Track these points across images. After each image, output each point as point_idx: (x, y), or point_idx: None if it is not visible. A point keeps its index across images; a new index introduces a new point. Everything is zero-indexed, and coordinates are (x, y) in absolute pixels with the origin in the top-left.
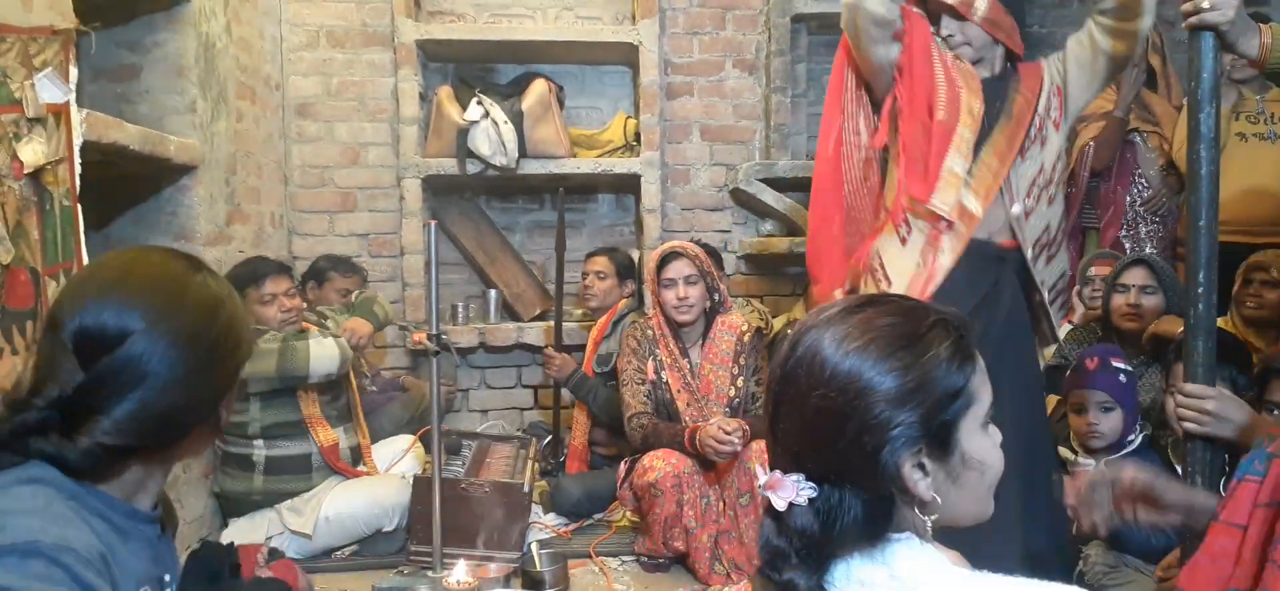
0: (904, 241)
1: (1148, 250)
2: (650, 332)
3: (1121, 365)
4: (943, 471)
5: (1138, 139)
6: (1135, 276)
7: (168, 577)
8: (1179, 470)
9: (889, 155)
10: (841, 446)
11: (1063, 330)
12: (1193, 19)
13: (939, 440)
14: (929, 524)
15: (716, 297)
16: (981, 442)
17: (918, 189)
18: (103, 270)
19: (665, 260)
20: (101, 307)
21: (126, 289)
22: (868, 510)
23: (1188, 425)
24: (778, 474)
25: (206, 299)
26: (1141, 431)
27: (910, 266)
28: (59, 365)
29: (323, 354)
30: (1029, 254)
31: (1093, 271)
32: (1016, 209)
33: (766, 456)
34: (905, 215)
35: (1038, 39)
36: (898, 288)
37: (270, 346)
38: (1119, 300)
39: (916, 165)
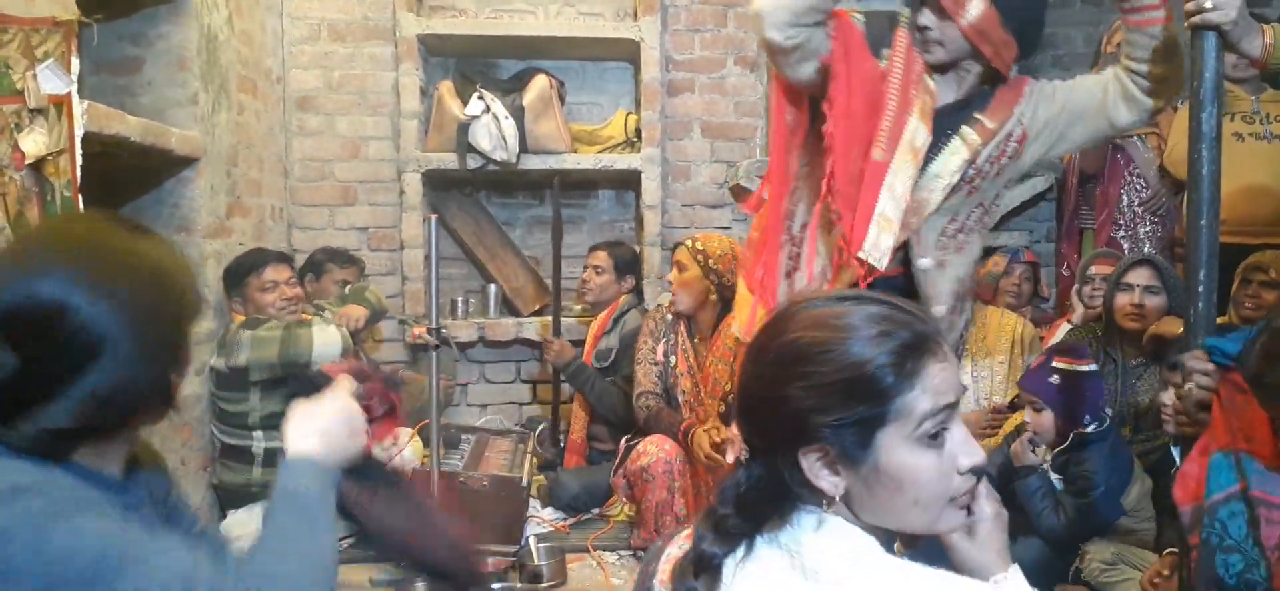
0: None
1: (1146, 250)
2: (668, 318)
3: (1062, 366)
4: (854, 474)
5: (1136, 140)
6: (1140, 276)
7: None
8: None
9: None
10: (764, 421)
11: (1060, 331)
12: (1195, 18)
13: (850, 443)
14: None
15: (728, 295)
16: (905, 457)
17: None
18: (29, 242)
19: (676, 249)
20: (33, 281)
21: (58, 258)
22: (776, 487)
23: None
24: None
25: (145, 258)
26: (1096, 425)
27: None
28: None
29: (325, 339)
30: (940, 310)
31: (1093, 270)
32: (924, 262)
33: None
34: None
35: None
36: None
37: (272, 333)
38: (1122, 299)
39: (846, 208)
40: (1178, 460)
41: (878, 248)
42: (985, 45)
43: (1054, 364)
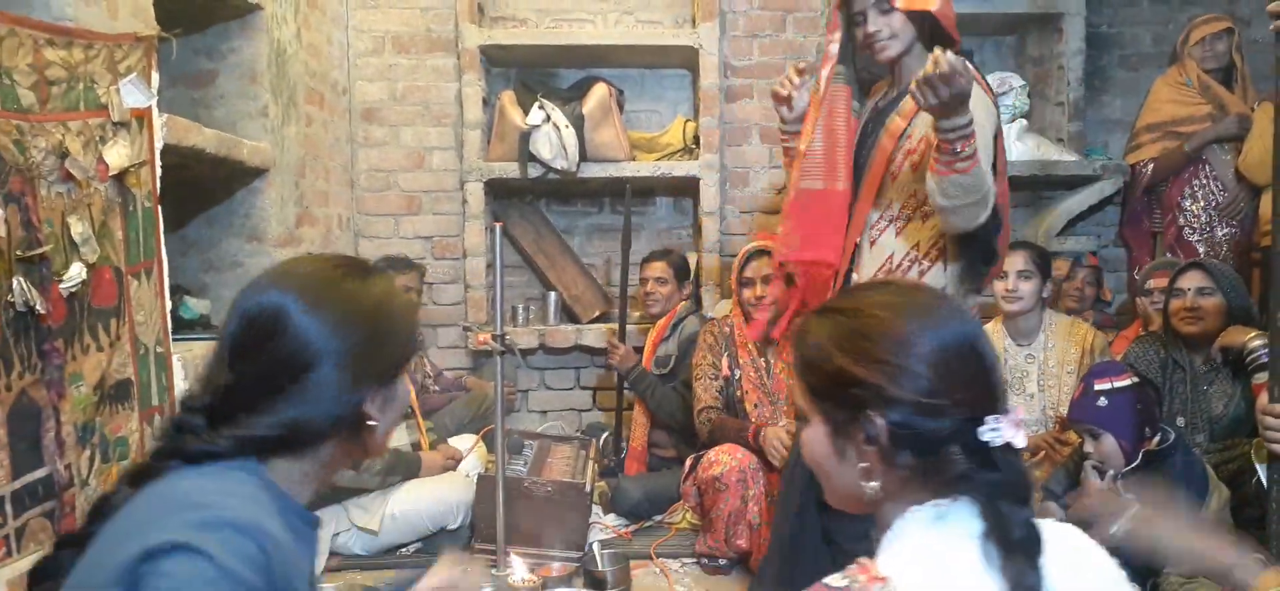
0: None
1: (1224, 254)
2: (728, 330)
3: (1105, 386)
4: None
5: (1213, 144)
6: (1190, 279)
7: (317, 571)
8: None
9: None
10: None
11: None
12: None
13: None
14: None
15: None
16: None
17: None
18: (270, 269)
19: (748, 258)
20: (260, 294)
21: (286, 278)
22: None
23: (1274, 446)
24: None
25: (363, 289)
26: (1160, 438)
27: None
28: (211, 367)
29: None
30: (863, 277)
31: (1151, 284)
32: (857, 276)
33: None
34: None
35: (1106, 39)
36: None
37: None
38: (1176, 304)
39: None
40: (1262, 475)
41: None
42: (928, 5)
43: (1097, 387)
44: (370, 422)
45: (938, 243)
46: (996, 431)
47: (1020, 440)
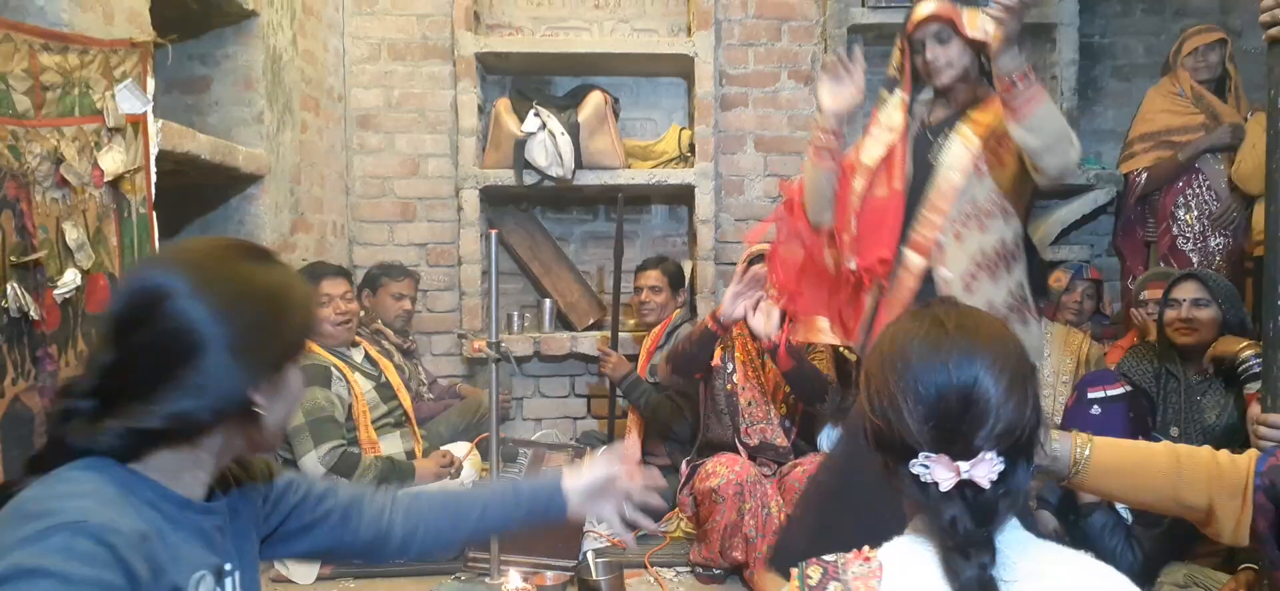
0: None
1: (1217, 263)
2: (730, 329)
3: (1098, 395)
4: None
5: (1207, 154)
6: (1186, 290)
7: (229, 566)
8: None
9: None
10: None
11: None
12: (1274, 30)
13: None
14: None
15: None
16: None
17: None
18: (160, 250)
19: (751, 263)
20: (145, 273)
21: (174, 259)
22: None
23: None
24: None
25: (254, 272)
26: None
27: (868, 309)
28: (94, 352)
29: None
30: (950, 273)
31: (1145, 295)
32: (946, 273)
33: None
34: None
35: (1099, 49)
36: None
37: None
38: (1170, 314)
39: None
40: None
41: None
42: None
43: (1090, 396)
44: (258, 412)
45: (1018, 238)
46: (925, 468)
47: (945, 483)
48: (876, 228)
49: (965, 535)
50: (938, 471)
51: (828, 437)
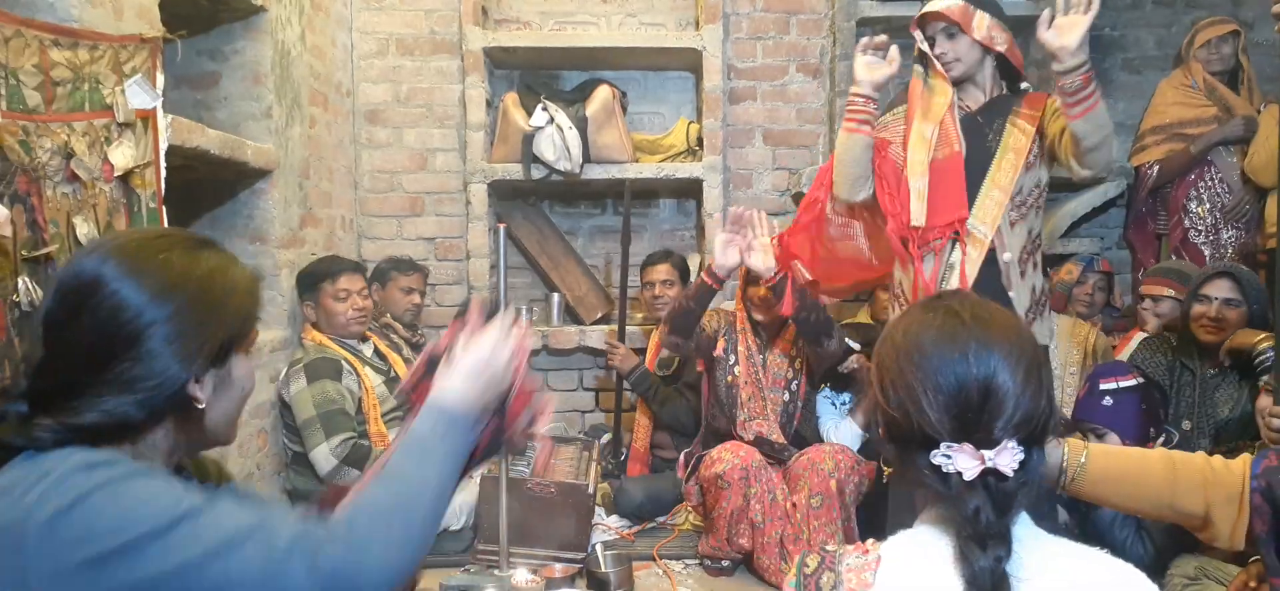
0: (907, 265)
1: (1228, 256)
2: (731, 319)
3: (1111, 386)
4: None
5: (1219, 147)
6: (1219, 288)
7: None
8: None
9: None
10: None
11: (1135, 341)
12: None
13: None
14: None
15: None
16: None
17: (900, 228)
18: (87, 244)
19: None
20: (79, 260)
21: (107, 246)
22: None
23: (1276, 446)
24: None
25: (189, 259)
26: (1166, 441)
27: (928, 278)
28: (29, 346)
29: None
30: (1010, 256)
31: (1144, 290)
32: (1007, 256)
33: (840, 457)
34: (912, 248)
35: (1109, 42)
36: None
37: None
38: (1199, 309)
39: (897, 216)
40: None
41: (916, 215)
42: (995, 45)
43: (1102, 386)
44: (198, 405)
45: (1034, 242)
46: (948, 459)
47: (969, 473)
48: (949, 189)
49: (987, 526)
50: (961, 461)
51: (836, 431)
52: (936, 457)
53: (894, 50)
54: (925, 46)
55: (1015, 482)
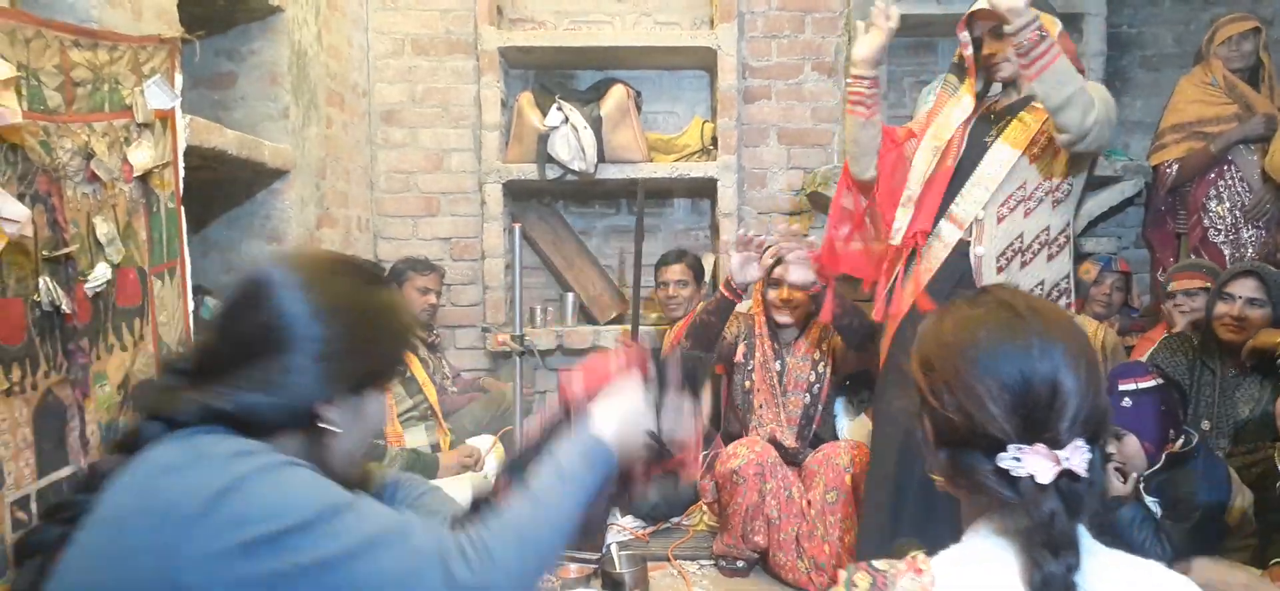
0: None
1: (1249, 255)
2: (751, 322)
3: (1130, 387)
4: None
5: (1240, 146)
6: (1243, 287)
7: None
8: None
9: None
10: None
11: (1156, 343)
12: None
13: None
14: None
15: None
16: None
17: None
18: (280, 253)
19: (779, 260)
20: (259, 269)
21: (287, 261)
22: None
23: None
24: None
25: (358, 289)
26: (1186, 442)
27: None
28: (204, 328)
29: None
30: (985, 250)
31: (1174, 286)
32: (980, 249)
33: (855, 453)
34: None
35: (1127, 39)
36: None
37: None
38: (1222, 308)
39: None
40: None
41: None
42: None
43: (1121, 387)
44: (328, 427)
45: (1064, 230)
46: (1017, 461)
47: (1044, 476)
48: (927, 201)
49: (1062, 532)
50: (1034, 463)
51: (849, 430)
52: (1004, 461)
53: (894, 10)
54: (968, 49)
55: (1084, 485)
